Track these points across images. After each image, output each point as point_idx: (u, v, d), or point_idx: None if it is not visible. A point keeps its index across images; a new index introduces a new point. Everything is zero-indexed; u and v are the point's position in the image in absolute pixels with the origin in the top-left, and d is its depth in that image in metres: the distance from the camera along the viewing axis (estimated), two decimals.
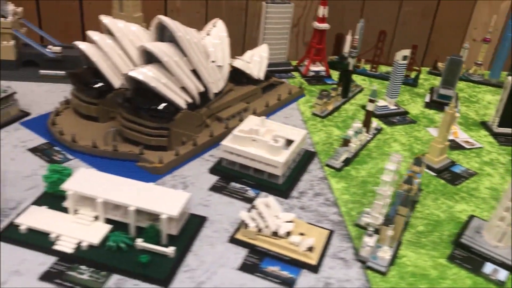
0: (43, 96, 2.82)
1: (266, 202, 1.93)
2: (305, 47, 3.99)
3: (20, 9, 3.09)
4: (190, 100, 2.40)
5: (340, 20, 3.95)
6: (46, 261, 1.72)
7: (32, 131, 2.47)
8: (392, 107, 3.05)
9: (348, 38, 3.62)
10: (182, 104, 2.35)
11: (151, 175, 2.24)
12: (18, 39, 3.06)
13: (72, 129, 2.41)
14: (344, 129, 2.82)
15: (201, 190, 2.17)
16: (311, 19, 4.00)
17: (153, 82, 2.22)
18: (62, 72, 3.05)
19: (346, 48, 3.64)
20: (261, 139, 2.20)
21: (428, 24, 4.40)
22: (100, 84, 2.48)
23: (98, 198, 1.81)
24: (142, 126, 2.30)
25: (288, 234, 1.88)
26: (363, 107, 3.09)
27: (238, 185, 2.22)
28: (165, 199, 1.84)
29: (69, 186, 1.85)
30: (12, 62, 3.02)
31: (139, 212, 1.81)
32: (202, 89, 2.47)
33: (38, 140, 2.40)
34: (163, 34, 2.38)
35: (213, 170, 2.30)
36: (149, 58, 2.35)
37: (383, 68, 3.67)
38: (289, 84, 3.24)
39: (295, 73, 3.51)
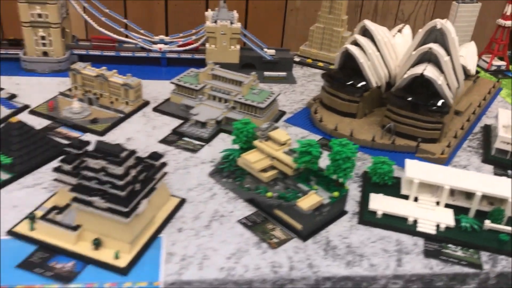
0: (280, 96, 3.04)
1: None
2: None
3: (237, 15, 3.33)
4: (452, 96, 2.62)
5: None
6: (416, 242, 1.95)
7: (302, 128, 2.70)
8: None
9: None
10: (451, 100, 2.57)
11: None
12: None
13: (340, 125, 2.64)
14: None
15: None
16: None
17: (439, 80, 2.44)
18: (284, 74, 3.28)
19: None
20: None
21: None
22: (362, 83, 2.71)
23: (445, 186, 2.04)
24: (419, 121, 2.53)
25: None
26: None
27: None
28: (498, 185, 2.06)
29: (414, 175, 2.08)
30: (236, 65, 3.26)
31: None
32: (457, 85, 2.68)
33: (313, 136, 2.63)
34: (428, 36, 2.59)
35: (486, 160, 2.52)
36: (420, 59, 2.57)
37: None
38: (484, 79, 3.44)
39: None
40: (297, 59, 3.56)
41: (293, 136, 2.62)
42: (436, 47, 2.45)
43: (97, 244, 1.73)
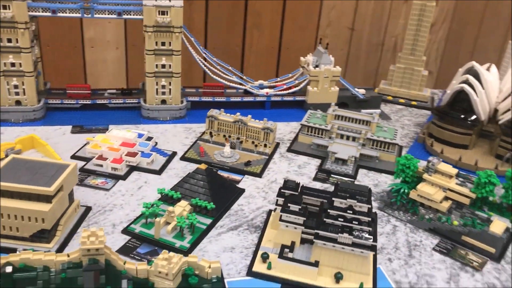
0: None
1: None
2: None
3: (333, 58, 3.58)
4: None
5: None
6: None
7: (423, 160, 2.94)
8: None
9: None
10: None
11: None
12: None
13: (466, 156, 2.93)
14: None
15: None
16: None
17: None
18: (379, 111, 3.54)
19: None
20: None
21: None
22: (474, 118, 3.01)
23: None
24: None
25: None
26: None
27: None
28: None
29: None
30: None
31: None
32: None
33: None
34: None
35: None
36: None
37: None
38: None
39: None
40: None
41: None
42: None
43: (339, 278, 1.88)
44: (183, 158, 2.72)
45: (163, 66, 3.07)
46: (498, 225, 2.16)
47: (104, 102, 3.18)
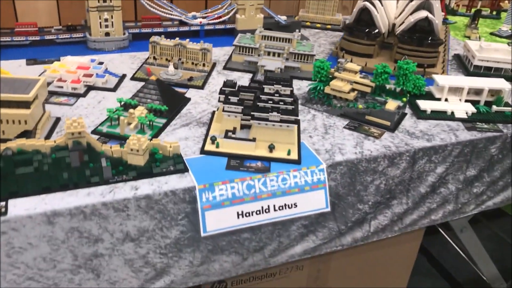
0: None
1: None
2: None
3: None
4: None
5: None
6: (458, 124, 2.88)
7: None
8: None
9: None
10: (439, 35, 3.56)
11: None
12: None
13: (370, 62, 3.52)
14: None
15: None
16: None
17: (437, 20, 3.41)
18: (300, 34, 4.05)
19: None
20: None
21: None
22: (376, 31, 3.59)
23: (465, 87, 3.00)
24: (424, 52, 3.48)
25: None
26: None
27: None
28: (496, 82, 3.08)
29: (444, 83, 3.01)
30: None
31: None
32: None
33: None
34: None
35: (468, 75, 3.55)
36: (417, 7, 3.52)
37: None
38: None
39: None
40: None
41: None
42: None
43: (272, 148, 2.41)
44: (133, 78, 3.11)
45: (105, 0, 3.38)
46: (391, 104, 2.78)
47: (52, 38, 3.46)
